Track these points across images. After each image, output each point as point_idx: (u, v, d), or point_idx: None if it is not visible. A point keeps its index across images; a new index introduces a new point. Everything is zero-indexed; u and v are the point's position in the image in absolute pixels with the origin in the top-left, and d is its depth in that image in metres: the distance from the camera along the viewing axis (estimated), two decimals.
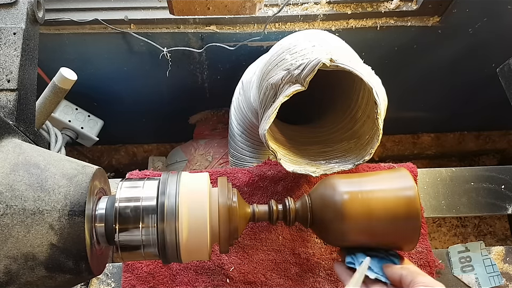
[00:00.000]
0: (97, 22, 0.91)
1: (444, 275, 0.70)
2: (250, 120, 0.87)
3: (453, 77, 1.19)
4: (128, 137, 1.50)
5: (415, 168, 0.74)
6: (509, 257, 0.72)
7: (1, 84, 0.53)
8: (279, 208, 0.55)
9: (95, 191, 0.47)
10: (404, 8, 0.94)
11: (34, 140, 0.56)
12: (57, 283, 0.43)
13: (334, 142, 0.72)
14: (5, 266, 0.39)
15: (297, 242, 0.69)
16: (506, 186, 0.77)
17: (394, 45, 1.04)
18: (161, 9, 0.93)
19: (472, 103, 1.33)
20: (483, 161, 1.66)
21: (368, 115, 0.65)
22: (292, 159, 0.65)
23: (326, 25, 0.96)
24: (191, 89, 1.18)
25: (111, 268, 0.68)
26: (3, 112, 0.52)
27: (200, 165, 1.19)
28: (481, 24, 0.98)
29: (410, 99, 1.27)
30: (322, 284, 0.67)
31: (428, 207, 0.75)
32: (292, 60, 0.60)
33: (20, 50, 0.54)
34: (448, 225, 1.52)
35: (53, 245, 0.41)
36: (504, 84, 0.80)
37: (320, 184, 0.56)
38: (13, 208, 0.40)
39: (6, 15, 0.56)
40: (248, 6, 0.74)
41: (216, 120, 1.31)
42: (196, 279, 0.66)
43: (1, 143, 0.45)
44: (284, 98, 0.57)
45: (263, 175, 0.72)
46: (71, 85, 0.72)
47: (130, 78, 1.11)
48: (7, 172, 0.41)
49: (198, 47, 0.99)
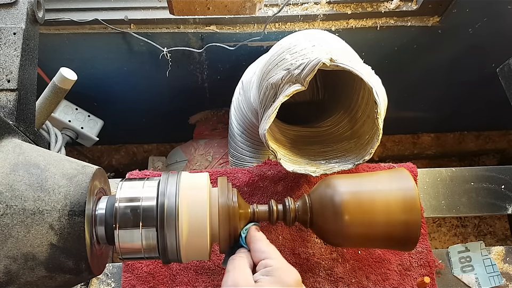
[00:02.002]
0: (97, 22, 0.91)
1: (444, 275, 0.70)
2: (250, 120, 0.87)
3: (453, 76, 1.19)
4: (128, 137, 1.50)
5: (415, 168, 0.74)
6: (509, 257, 0.72)
7: (1, 83, 0.53)
8: (279, 208, 0.54)
9: (95, 191, 0.47)
10: (404, 8, 0.94)
11: (34, 140, 0.56)
12: (57, 283, 0.43)
13: (334, 141, 0.72)
14: (5, 266, 0.39)
15: (297, 242, 0.69)
16: (506, 186, 0.77)
17: (394, 45, 1.04)
18: (161, 9, 0.93)
19: (472, 103, 1.33)
20: (483, 161, 1.66)
21: (368, 115, 0.65)
22: (291, 159, 0.65)
23: (326, 25, 0.96)
24: (191, 89, 1.18)
25: (111, 267, 0.68)
26: (3, 112, 0.52)
27: (200, 165, 1.19)
28: (481, 24, 0.98)
29: (410, 99, 1.27)
30: (322, 284, 0.67)
31: (427, 207, 0.75)
32: (292, 60, 0.60)
33: (20, 50, 0.54)
34: (448, 225, 1.52)
35: (53, 245, 0.41)
36: (504, 84, 0.80)
37: (320, 184, 0.56)
38: (13, 208, 0.40)
39: (6, 15, 0.56)
40: (248, 6, 0.74)
41: (216, 120, 1.31)
42: (196, 279, 0.66)
43: (1, 143, 0.45)
44: (284, 98, 0.57)
45: (263, 175, 0.72)
46: (71, 85, 0.72)
47: (130, 78, 1.11)
48: (7, 172, 0.41)
49: (198, 47, 0.99)
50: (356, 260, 0.68)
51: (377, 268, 0.68)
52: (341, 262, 0.68)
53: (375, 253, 0.68)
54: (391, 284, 0.67)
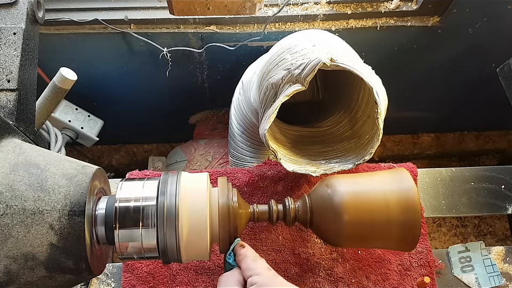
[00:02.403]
0: (97, 22, 0.91)
1: (444, 275, 0.70)
2: (250, 120, 0.87)
3: (453, 76, 1.19)
4: (128, 137, 1.50)
5: (415, 168, 0.74)
6: (509, 257, 0.72)
7: (1, 83, 0.53)
8: (279, 208, 0.54)
9: (95, 191, 0.47)
10: (404, 8, 0.94)
11: (34, 140, 0.56)
12: (57, 283, 0.43)
13: (334, 141, 0.72)
14: (5, 266, 0.39)
15: (297, 242, 0.69)
16: (506, 186, 0.77)
17: (394, 45, 1.04)
18: (161, 9, 0.93)
19: (472, 103, 1.33)
20: (483, 161, 1.66)
21: (368, 115, 0.65)
22: (292, 159, 0.65)
23: (326, 25, 0.96)
24: (191, 89, 1.18)
25: (111, 267, 0.68)
26: (3, 112, 0.52)
27: (200, 165, 1.19)
28: (481, 24, 0.98)
29: (410, 99, 1.27)
30: (322, 284, 0.67)
31: (428, 207, 0.75)
32: (292, 60, 0.60)
33: (20, 50, 0.54)
34: (448, 225, 1.52)
35: (53, 245, 0.41)
36: (504, 84, 0.80)
37: (320, 184, 0.56)
38: (13, 208, 0.40)
39: (6, 15, 0.56)
40: (248, 6, 0.74)
41: (216, 120, 1.31)
42: (196, 279, 0.66)
43: (1, 143, 0.45)
44: (284, 98, 0.57)
45: (263, 175, 0.72)
46: (71, 85, 0.72)
47: (130, 78, 1.11)
48: (7, 172, 0.41)
49: (198, 47, 0.99)
50: (356, 260, 0.68)
51: (377, 267, 0.68)
52: (341, 262, 0.68)
53: (375, 253, 0.68)
54: (391, 284, 0.67)
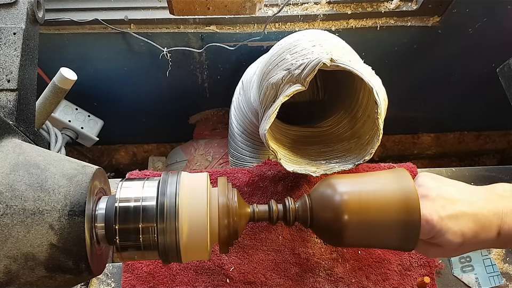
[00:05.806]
0: (97, 22, 0.91)
1: (444, 275, 0.70)
2: (250, 120, 0.87)
3: (453, 76, 1.19)
4: (128, 137, 1.50)
5: (415, 168, 0.74)
6: (509, 257, 0.72)
7: (1, 83, 0.53)
8: (279, 208, 0.54)
9: (95, 191, 0.47)
10: (404, 8, 0.94)
11: (34, 140, 0.56)
12: (57, 283, 0.43)
13: (334, 142, 0.72)
14: (4, 266, 0.39)
15: (297, 242, 0.69)
16: None
17: (394, 45, 1.04)
18: (161, 9, 0.93)
19: (472, 103, 1.33)
20: (483, 161, 1.66)
21: (368, 115, 0.65)
22: (292, 159, 0.65)
23: (326, 25, 0.96)
24: (191, 89, 1.18)
25: (111, 267, 0.68)
26: (3, 112, 0.52)
27: (200, 165, 1.19)
28: (481, 24, 0.98)
29: (410, 99, 1.27)
30: (322, 284, 0.67)
31: None
32: (292, 60, 0.60)
33: (20, 50, 0.54)
34: None
35: (53, 245, 0.41)
36: (504, 84, 0.80)
37: (320, 184, 0.56)
38: (13, 208, 0.40)
39: (6, 15, 0.56)
40: (248, 6, 0.74)
41: (216, 120, 1.31)
42: (196, 279, 0.66)
43: (1, 143, 0.45)
44: (284, 98, 0.57)
45: (263, 175, 0.72)
46: (71, 85, 0.72)
47: (130, 78, 1.11)
48: (7, 172, 0.41)
49: (198, 47, 0.99)
50: (356, 260, 0.68)
51: (377, 267, 0.68)
52: (341, 262, 0.68)
53: (375, 253, 0.68)
54: (391, 284, 0.67)
